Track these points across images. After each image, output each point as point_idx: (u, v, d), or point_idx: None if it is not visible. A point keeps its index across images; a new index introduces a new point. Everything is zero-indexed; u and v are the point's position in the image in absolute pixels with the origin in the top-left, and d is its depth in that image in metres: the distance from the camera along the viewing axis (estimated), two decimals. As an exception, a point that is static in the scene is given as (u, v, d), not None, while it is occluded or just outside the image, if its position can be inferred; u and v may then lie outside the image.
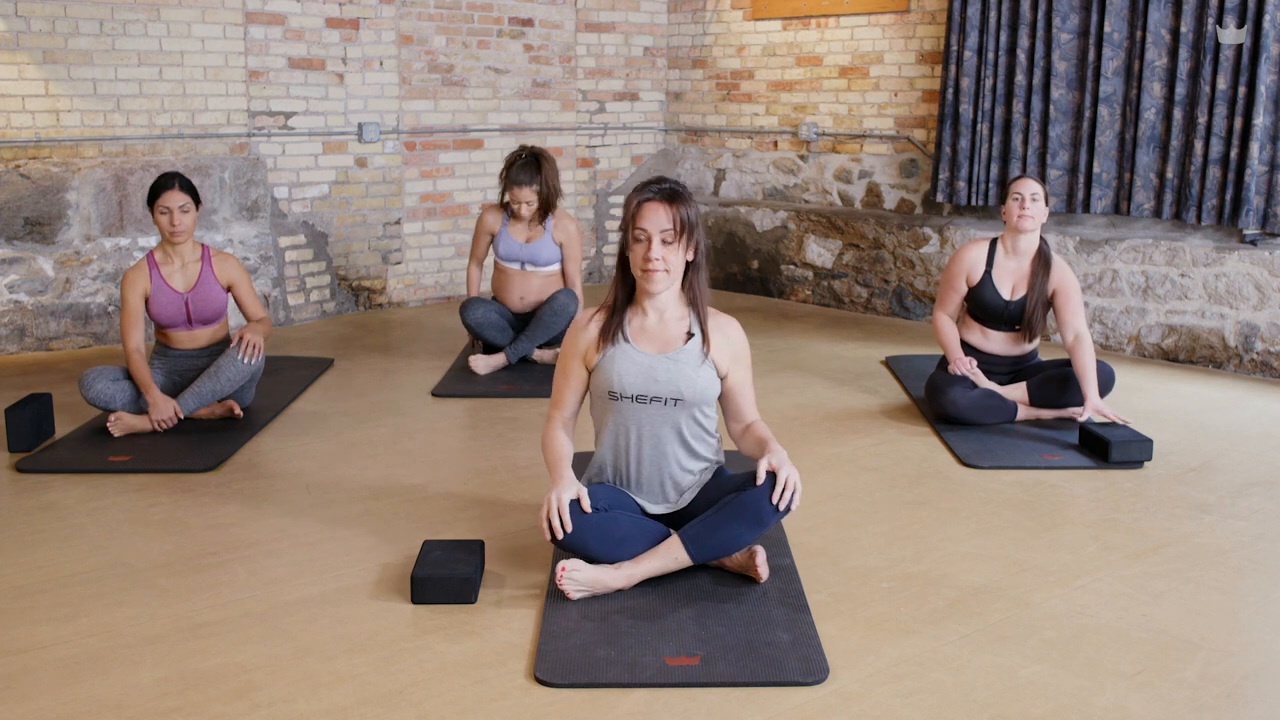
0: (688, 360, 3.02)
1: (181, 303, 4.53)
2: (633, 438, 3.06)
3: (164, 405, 4.36)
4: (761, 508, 2.90)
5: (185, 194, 4.45)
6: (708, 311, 3.07)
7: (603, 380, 3.04)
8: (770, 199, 7.72)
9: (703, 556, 2.98)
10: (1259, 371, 5.47)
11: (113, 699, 2.47)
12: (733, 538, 2.95)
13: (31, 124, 5.72)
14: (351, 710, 2.43)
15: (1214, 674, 2.62)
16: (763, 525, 2.93)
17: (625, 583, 2.95)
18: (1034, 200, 4.50)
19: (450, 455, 4.26)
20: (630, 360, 3.01)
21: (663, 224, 2.91)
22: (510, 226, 5.44)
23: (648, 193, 2.95)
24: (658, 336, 3.05)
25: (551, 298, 5.35)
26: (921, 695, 2.51)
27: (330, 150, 6.68)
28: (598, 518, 2.94)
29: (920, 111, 6.93)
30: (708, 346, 3.05)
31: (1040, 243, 4.60)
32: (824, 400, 4.97)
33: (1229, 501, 3.75)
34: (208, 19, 6.14)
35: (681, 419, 3.04)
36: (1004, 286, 4.59)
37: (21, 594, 3.01)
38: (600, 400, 3.09)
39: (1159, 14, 5.72)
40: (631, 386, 3.01)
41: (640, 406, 3.02)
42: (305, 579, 3.10)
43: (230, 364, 4.44)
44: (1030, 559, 3.27)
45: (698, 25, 7.96)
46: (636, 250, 2.94)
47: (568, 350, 3.11)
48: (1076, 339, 4.47)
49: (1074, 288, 4.57)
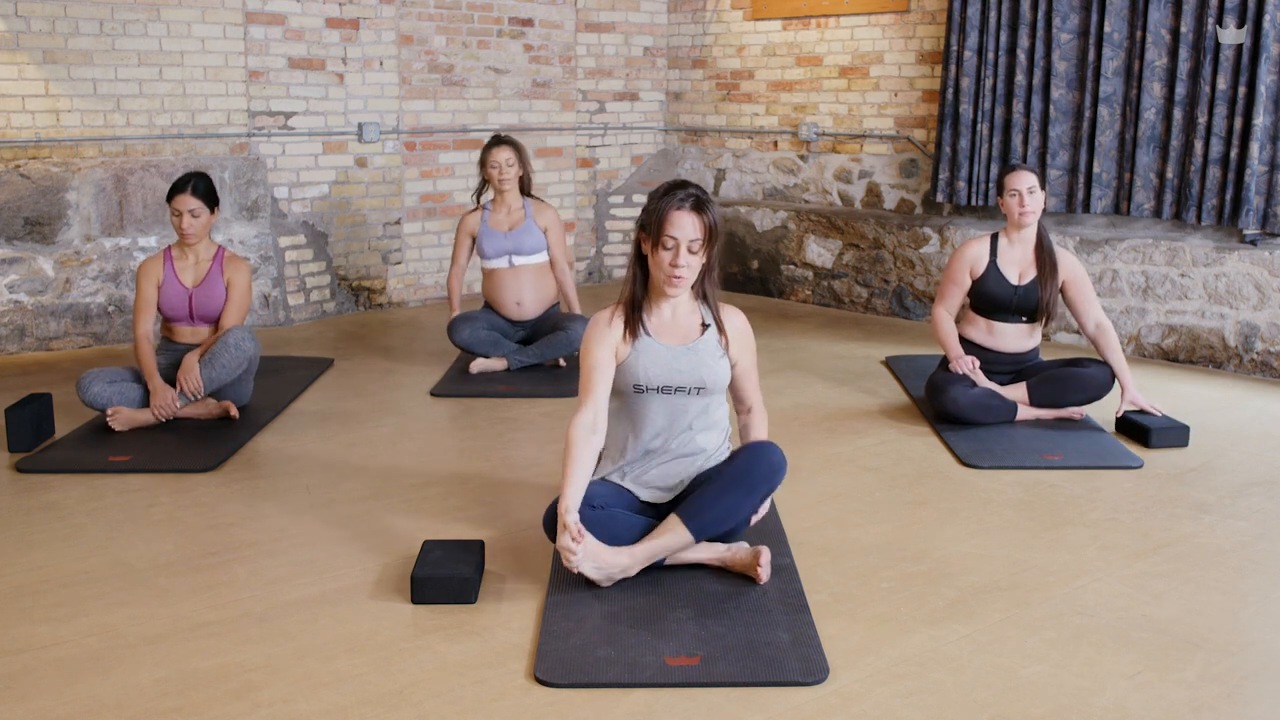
0: (707, 350, 3.10)
1: (186, 298, 4.61)
2: (652, 429, 3.10)
3: (164, 392, 4.42)
4: (750, 473, 2.97)
5: (198, 199, 4.55)
6: (719, 307, 3.16)
7: (628, 375, 3.08)
8: (770, 199, 7.72)
9: (703, 531, 3.00)
10: (1259, 371, 5.47)
11: (113, 699, 2.47)
12: (730, 508, 2.98)
13: (31, 124, 5.72)
14: (351, 710, 2.43)
15: (1214, 674, 2.62)
16: (754, 492, 2.98)
17: (629, 560, 2.95)
18: (1031, 194, 4.52)
19: (450, 455, 4.26)
20: (654, 354, 3.07)
21: (691, 234, 2.97)
22: (490, 219, 5.42)
23: (676, 200, 2.98)
24: (675, 329, 3.12)
25: (564, 326, 5.29)
26: (921, 695, 2.51)
27: (330, 150, 6.68)
28: (595, 516, 2.97)
29: (920, 111, 6.93)
30: (725, 338, 3.14)
31: (1039, 227, 4.64)
32: (824, 400, 4.97)
33: (1229, 501, 3.74)
34: (208, 19, 6.14)
35: (700, 408, 3.11)
36: (1011, 273, 4.59)
37: (21, 594, 3.01)
38: (619, 394, 3.12)
39: (1159, 14, 5.72)
40: (657, 378, 3.06)
41: (665, 398, 3.08)
42: (305, 579, 3.10)
43: (223, 350, 4.47)
44: (1030, 559, 3.27)
45: (698, 25, 7.96)
46: (663, 256, 2.99)
47: (596, 343, 3.08)
48: (1099, 329, 4.50)
49: (1084, 276, 4.60)
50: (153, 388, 4.44)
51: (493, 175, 5.35)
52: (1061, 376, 4.52)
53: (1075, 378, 4.49)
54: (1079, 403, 4.51)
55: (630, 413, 3.12)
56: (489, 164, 5.35)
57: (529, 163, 5.46)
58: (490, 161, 5.35)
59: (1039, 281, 4.55)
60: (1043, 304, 4.55)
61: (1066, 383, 4.50)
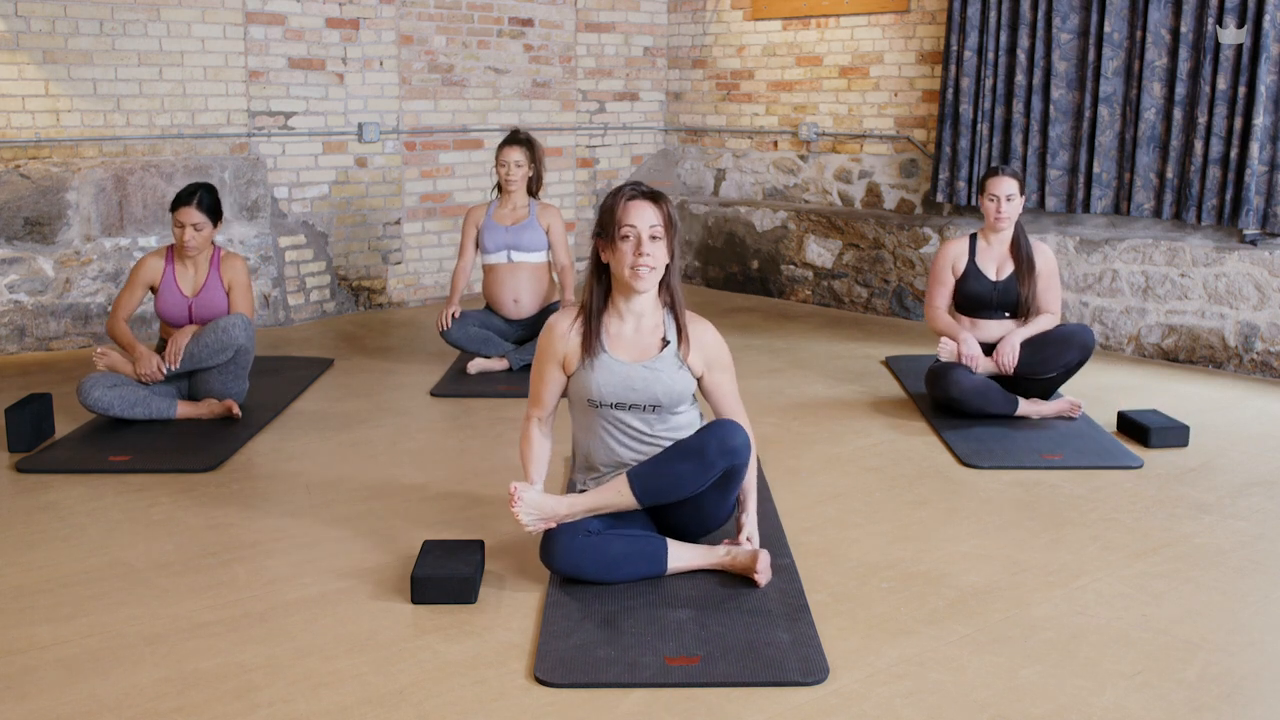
0: (664, 367, 3.06)
1: (185, 306, 4.62)
2: (612, 439, 3.10)
3: (149, 359, 4.49)
4: (705, 446, 2.94)
5: (203, 213, 4.55)
6: (685, 314, 3.11)
7: (581, 389, 3.08)
8: (770, 199, 7.72)
9: (648, 495, 2.98)
10: (1259, 371, 5.47)
11: (113, 699, 2.47)
12: (678, 476, 2.95)
13: (31, 124, 5.72)
14: (351, 710, 2.43)
15: (1214, 674, 2.62)
16: (708, 466, 2.94)
17: (567, 510, 2.99)
18: (1009, 201, 4.64)
19: (450, 455, 4.26)
20: (608, 370, 3.04)
21: (651, 219, 2.95)
22: (495, 213, 5.44)
23: (629, 191, 2.99)
24: (634, 344, 3.07)
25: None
26: (921, 695, 2.51)
27: (330, 150, 6.68)
28: (590, 541, 2.97)
29: (920, 111, 6.93)
30: (685, 348, 3.08)
31: (1016, 226, 4.74)
32: (824, 400, 4.97)
33: (1229, 501, 3.74)
34: (208, 19, 6.14)
35: (658, 419, 3.08)
36: (989, 270, 4.72)
37: (21, 594, 3.01)
38: (579, 402, 3.12)
39: (1159, 14, 5.72)
40: (610, 395, 3.04)
41: (619, 412, 3.06)
42: (305, 579, 3.10)
43: (210, 330, 4.48)
44: (1030, 559, 3.27)
45: (698, 25, 7.96)
46: (623, 249, 2.95)
47: (545, 354, 3.13)
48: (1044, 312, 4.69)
49: (1054, 271, 4.74)
50: (136, 355, 4.49)
51: (500, 173, 5.38)
52: (1037, 340, 4.62)
53: (1051, 337, 4.60)
54: (1059, 365, 4.56)
55: (592, 425, 3.11)
56: (499, 161, 5.39)
57: (542, 163, 5.47)
58: (500, 159, 5.39)
59: (1017, 276, 4.67)
60: (1023, 298, 4.67)
61: (1043, 344, 4.59)
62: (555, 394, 3.17)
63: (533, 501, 2.96)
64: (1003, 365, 4.58)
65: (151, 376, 4.47)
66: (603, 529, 3.03)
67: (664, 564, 3.03)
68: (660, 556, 3.03)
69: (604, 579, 2.99)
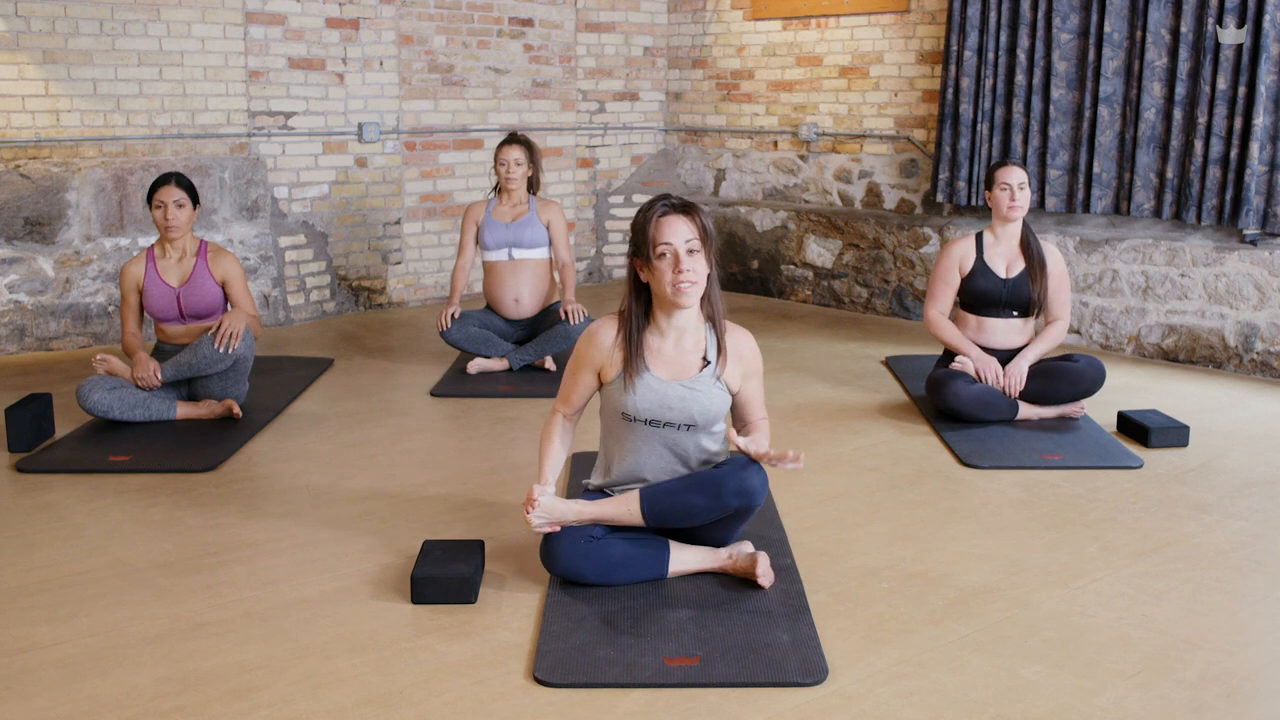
0: (702, 387, 3.01)
1: (173, 297, 4.59)
2: (639, 452, 3.06)
3: (146, 364, 4.49)
4: (723, 483, 2.91)
5: (181, 190, 4.55)
6: (725, 326, 3.05)
7: (616, 402, 3.04)
8: (770, 199, 7.72)
9: (656, 518, 2.97)
10: (1259, 371, 5.47)
11: (113, 699, 2.48)
12: (689, 508, 2.95)
13: (31, 124, 5.72)
14: (351, 710, 2.43)
15: (1214, 674, 2.62)
16: (721, 504, 2.92)
17: (576, 516, 2.98)
18: (1021, 189, 4.58)
19: (450, 455, 4.26)
20: (647, 387, 3.00)
21: (686, 234, 2.89)
22: (495, 211, 5.44)
23: (660, 208, 2.92)
24: (675, 362, 3.03)
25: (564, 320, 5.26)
26: (921, 695, 2.51)
27: (330, 150, 6.68)
28: (591, 546, 2.97)
29: (920, 111, 6.93)
30: (723, 367, 3.04)
31: (1024, 223, 4.70)
32: (824, 400, 4.97)
33: (1229, 501, 3.74)
34: (208, 19, 6.14)
35: (692, 439, 3.05)
36: (999, 267, 4.64)
37: (21, 594, 3.01)
38: (611, 412, 3.09)
39: (1159, 14, 5.72)
40: (646, 412, 3.01)
41: (653, 429, 3.03)
42: (305, 579, 3.10)
43: (208, 342, 4.46)
44: (1030, 559, 3.27)
45: (698, 25, 7.96)
46: (661, 267, 2.89)
47: (583, 359, 3.09)
48: (1055, 322, 4.65)
49: (1064, 274, 4.69)
50: (136, 360, 4.51)
51: (500, 172, 5.39)
52: (1050, 371, 4.55)
53: (1064, 372, 4.52)
54: (1070, 397, 4.52)
55: (620, 433, 3.08)
56: (499, 160, 5.40)
57: (540, 164, 5.49)
58: (500, 159, 5.39)
59: (1028, 274, 4.61)
60: (1034, 297, 4.60)
61: (1056, 377, 4.52)
62: (585, 397, 3.15)
63: (545, 505, 2.96)
64: (1010, 392, 4.52)
65: (147, 382, 4.46)
66: (605, 534, 3.02)
67: (665, 569, 3.03)
68: (661, 561, 3.02)
69: (604, 583, 2.99)
